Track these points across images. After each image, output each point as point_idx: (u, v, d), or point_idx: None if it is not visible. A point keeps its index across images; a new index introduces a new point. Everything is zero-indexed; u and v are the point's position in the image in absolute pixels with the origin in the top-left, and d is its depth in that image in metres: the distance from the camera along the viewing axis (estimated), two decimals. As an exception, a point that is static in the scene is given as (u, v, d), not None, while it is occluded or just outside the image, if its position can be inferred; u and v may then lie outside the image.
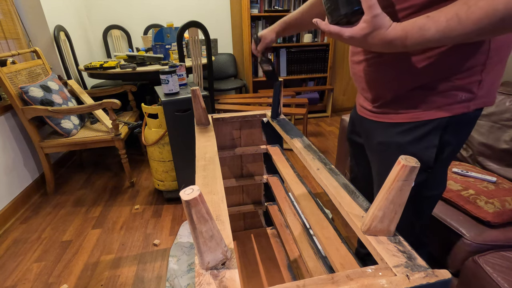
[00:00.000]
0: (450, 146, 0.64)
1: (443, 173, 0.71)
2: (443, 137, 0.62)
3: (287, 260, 1.24)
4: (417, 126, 0.63)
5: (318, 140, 2.68)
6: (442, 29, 0.45)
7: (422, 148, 0.64)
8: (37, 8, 2.12)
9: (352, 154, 0.96)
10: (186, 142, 1.56)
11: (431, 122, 0.62)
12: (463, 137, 0.66)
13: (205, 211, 0.37)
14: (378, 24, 0.49)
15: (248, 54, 2.98)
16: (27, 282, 1.26)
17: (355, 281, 0.39)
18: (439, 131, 0.62)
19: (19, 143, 1.82)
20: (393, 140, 0.68)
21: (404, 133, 0.65)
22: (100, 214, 1.70)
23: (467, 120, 0.62)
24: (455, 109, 0.60)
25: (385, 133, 0.69)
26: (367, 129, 0.76)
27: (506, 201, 0.98)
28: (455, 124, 0.61)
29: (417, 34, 0.47)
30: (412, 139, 0.64)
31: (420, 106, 0.62)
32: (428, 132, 0.63)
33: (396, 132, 0.67)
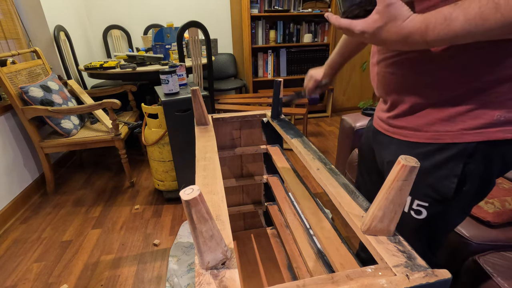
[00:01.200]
0: (476, 178, 0.52)
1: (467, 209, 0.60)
2: (468, 166, 0.51)
3: (287, 260, 1.24)
4: (438, 149, 0.53)
5: (318, 140, 2.68)
6: (473, 18, 0.36)
7: (441, 177, 0.54)
8: (37, 8, 2.12)
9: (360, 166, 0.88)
10: (186, 142, 1.56)
11: (455, 145, 0.51)
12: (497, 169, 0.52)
13: (205, 211, 0.37)
14: (393, 14, 0.41)
15: (248, 54, 2.98)
16: (27, 282, 1.26)
17: (355, 281, 0.39)
18: (463, 158, 0.51)
19: (19, 143, 1.82)
20: None
21: (421, 156, 0.54)
22: (100, 214, 1.70)
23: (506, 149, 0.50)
24: (488, 134, 0.48)
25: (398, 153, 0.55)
26: (379, 144, 0.67)
27: (506, 201, 0.98)
28: (487, 151, 0.50)
29: (441, 25, 0.39)
30: (429, 165, 0.54)
31: (442, 124, 0.51)
32: (449, 158, 0.52)
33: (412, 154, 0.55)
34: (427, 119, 0.53)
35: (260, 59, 3.11)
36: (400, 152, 0.58)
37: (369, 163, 0.77)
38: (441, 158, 0.53)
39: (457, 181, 0.52)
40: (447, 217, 0.59)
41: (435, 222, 0.59)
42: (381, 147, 0.67)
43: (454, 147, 0.51)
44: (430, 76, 0.51)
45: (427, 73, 0.51)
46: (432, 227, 0.60)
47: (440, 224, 0.60)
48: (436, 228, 0.61)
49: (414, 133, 0.56)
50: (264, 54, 3.08)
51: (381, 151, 0.67)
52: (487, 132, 0.48)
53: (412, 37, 0.42)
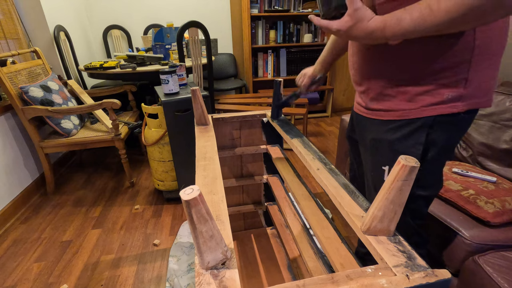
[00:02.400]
0: (438, 145, 0.64)
1: (436, 173, 0.71)
2: (430, 136, 0.63)
3: (287, 260, 1.24)
4: (405, 124, 0.65)
5: (318, 140, 2.68)
6: (415, 19, 0.49)
7: (409, 146, 0.65)
8: (37, 8, 2.12)
9: (351, 152, 0.98)
10: (186, 142, 1.56)
11: (418, 120, 0.63)
12: (454, 137, 0.65)
13: (205, 211, 0.37)
14: (359, 16, 0.53)
15: (248, 54, 2.98)
16: (27, 282, 1.26)
17: (355, 281, 0.39)
18: (425, 129, 0.63)
19: (19, 143, 1.82)
20: (383, 137, 0.70)
21: (393, 130, 0.67)
22: (100, 214, 1.70)
23: (457, 121, 0.62)
24: (441, 109, 0.60)
25: (376, 131, 0.71)
26: (361, 126, 0.79)
27: (506, 201, 0.98)
28: (443, 123, 0.62)
29: (394, 24, 0.51)
30: (400, 136, 0.66)
31: (407, 104, 0.64)
32: (414, 130, 0.64)
33: (386, 129, 0.68)
34: (395, 101, 0.66)
35: (260, 59, 3.11)
36: (379, 129, 0.71)
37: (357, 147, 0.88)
38: (408, 130, 0.65)
39: (422, 148, 0.64)
40: (421, 185, 0.68)
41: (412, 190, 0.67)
42: (363, 129, 0.78)
43: (418, 120, 0.63)
44: (392, 64, 0.63)
45: (390, 62, 0.64)
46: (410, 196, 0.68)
47: (417, 193, 0.69)
48: (415, 198, 0.69)
49: (387, 113, 0.68)
50: (264, 54, 3.08)
51: (363, 132, 0.79)
52: (440, 107, 0.60)
53: (374, 33, 0.54)
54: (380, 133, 0.70)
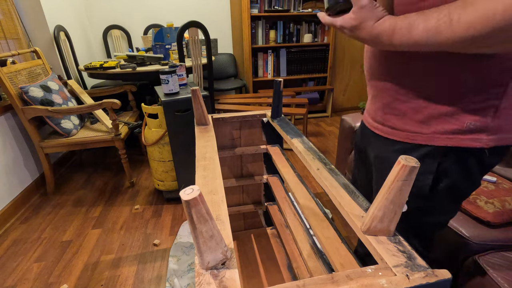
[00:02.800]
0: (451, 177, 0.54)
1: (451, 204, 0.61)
2: (442, 164, 0.54)
3: (287, 260, 1.24)
4: (414, 148, 0.56)
5: (318, 140, 2.68)
6: (430, 28, 0.39)
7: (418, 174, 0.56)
8: (37, 8, 2.12)
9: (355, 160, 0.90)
10: (186, 142, 1.56)
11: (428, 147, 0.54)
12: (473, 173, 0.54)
13: (205, 211, 0.37)
14: (365, 16, 0.45)
15: (248, 54, 2.98)
16: (27, 282, 1.26)
17: (355, 281, 0.39)
18: (438, 157, 0.54)
19: (19, 143, 1.82)
20: (388, 157, 0.61)
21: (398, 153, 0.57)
22: (100, 214, 1.70)
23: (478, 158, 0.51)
24: (459, 140, 0.50)
25: (382, 148, 0.64)
26: (366, 138, 0.73)
27: (506, 201, 0.98)
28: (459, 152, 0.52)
29: (404, 30, 0.42)
30: None
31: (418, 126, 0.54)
32: (425, 155, 0.55)
33: (392, 150, 0.60)
34: (404, 119, 0.56)
35: (260, 59, 3.11)
36: (382, 148, 0.63)
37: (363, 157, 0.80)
38: (417, 155, 0.55)
39: (432, 178, 0.55)
40: (429, 213, 0.61)
41: (418, 217, 0.62)
42: (368, 142, 0.71)
43: (426, 148, 0.54)
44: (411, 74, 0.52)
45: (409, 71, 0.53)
46: (415, 221, 0.62)
47: (423, 220, 0.62)
48: (420, 224, 0.63)
49: (392, 131, 0.59)
50: (264, 54, 3.08)
51: (368, 146, 0.71)
52: (456, 138, 0.50)
53: (380, 38, 0.45)
54: (385, 152, 0.62)
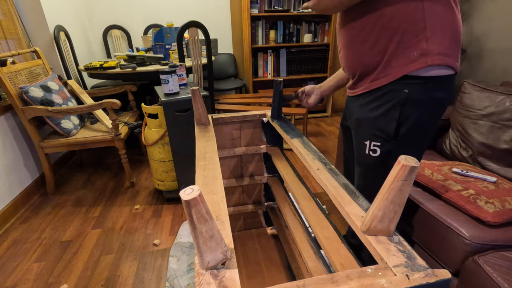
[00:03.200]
0: (411, 120, 0.74)
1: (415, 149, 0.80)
2: (403, 111, 0.73)
3: (287, 260, 1.24)
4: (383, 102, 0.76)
5: (318, 140, 2.68)
6: None
7: (385, 121, 0.76)
8: (37, 8, 2.12)
9: (343, 138, 1.09)
10: (186, 142, 1.56)
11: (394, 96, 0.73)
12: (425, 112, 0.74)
13: (205, 211, 0.37)
14: None
15: (248, 54, 2.98)
16: (27, 282, 1.26)
17: (355, 281, 0.39)
18: (398, 106, 0.73)
19: (19, 143, 1.82)
20: (365, 115, 0.81)
21: (373, 109, 0.79)
22: (100, 214, 1.70)
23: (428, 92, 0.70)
24: (411, 67, 0.69)
25: (360, 110, 0.83)
26: (349, 108, 0.92)
27: (506, 201, 0.98)
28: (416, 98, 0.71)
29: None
30: (378, 114, 0.78)
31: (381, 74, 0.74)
32: (391, 107, 0.75)
33: (369, 108, 0.80)
34: (374, 74, 0.77)
35: (260, 59, 3.11)
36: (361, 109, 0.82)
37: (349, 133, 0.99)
38: (387, 107, 0.76)
39: (396, 123, 0.75)
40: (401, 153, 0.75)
41: (389, 160, 0.80)
42: (351, 111, 0.90)
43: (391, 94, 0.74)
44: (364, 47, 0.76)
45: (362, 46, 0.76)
46: (387, 165, 0.80)
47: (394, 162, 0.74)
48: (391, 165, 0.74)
49: (366, 85, 0.79)
50: (264, 54, 3.08)
51: (351, 115, 0.90)
52: (410, 66, 0.69)
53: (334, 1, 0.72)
54: (362, 113, 0.82)
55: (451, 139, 1.44)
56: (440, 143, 1.50)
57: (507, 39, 1.75)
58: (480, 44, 1.92)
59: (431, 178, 1.15)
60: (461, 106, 1.42)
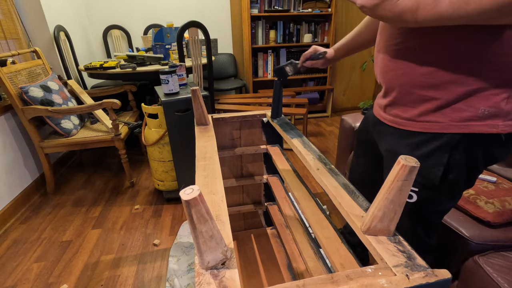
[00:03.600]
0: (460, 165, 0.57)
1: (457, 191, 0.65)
2: (454, 156, 0.56)
3: (287, 260, 1.24)
4: (427, 141, 0.58)
5: (318, 140, 2.68)
6: (456, 1, 0.40)
7: (428, 166, 0.59)
8: (37, 8, 2.12)
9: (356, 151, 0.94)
10: (186, 142, 1.56)
11: (442, 136, 0.55)
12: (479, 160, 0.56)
13: (205, 211, 0.37)
14: None
15: (248, 54, 2.98)
16: (27, 282, 1.26)
17: (355, 281, 0.39)
18: (448, 149, 0.56)
19: (19, 143, 1.82)
20: (399, 151, 0.63)
21: (412, 146, 0.60)
22: (100, 214, 1.70)
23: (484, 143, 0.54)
24: (473, 126, 0.52)
25: (393, 142, 0.65)
26: (378, 132, 0.74)
27: (506, 201, 0.98)
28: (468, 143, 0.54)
29: (429, 5, 0.42)
30: (419, 154, 0.60)
31: (433, 115, 0.56)
32: (437, 149, 0.57)
33: (404, 143, 0.62)
34: (418, 110, 0.58)
35: (260, 59, 3.11)
36: (395, 141, 0.64)
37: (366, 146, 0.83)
38: (430, 148, 0.58)
39: (443, 170, 0.58)
40: (437, 202, 0.65)
41: (426, 206, 0.66)
42: (380, 135, 0.73)
43: (441, 137, 0.56)
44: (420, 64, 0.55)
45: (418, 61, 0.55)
46: (423, 210, 0.67)
47: (430, 208, 0.66)
48: (427, 212, 0.67)
49: (407, 122, 0.61)
50: (264, 54, 3.08)
51: (380, 139, 0.73)
52: (472, 125, 0.52)
53: (404, 15, 0.46)
54: (397, 146, 0.63)
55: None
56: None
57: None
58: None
59: (431, 178, 1.15)
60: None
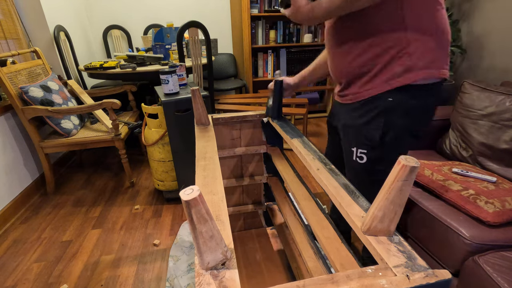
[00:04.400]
0: (396, 128, 0.76)
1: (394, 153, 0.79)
2: (388, 119, 0.76)
3: (287, 260, 1.24)
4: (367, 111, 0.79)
5: (318, 140, 2.68)
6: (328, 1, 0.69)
7: (370, 129, 0.79)
8: (37, 8, 2.12)
9: (328, 134, 1.14)
10: (186, 142, 1.56)
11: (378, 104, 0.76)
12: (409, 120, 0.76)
13: (205, 211, 0.37)
14: (297, 4, 0.73)
15: (248, 54, 2.98)
16: (27, 282, 1.26)
17: (355, 281, 0.39)
18: (383, 113, 0.76)
19: (19, 143, 1.82)
20: (351, 122, 0.84)
21: (360, 117, 0.81)
22: (100, 214, 1.70)
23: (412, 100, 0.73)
24: (395, 83, 0.72)
25: (347, 117, 0.86)
26: (336, 113, 0.95)
27: (506, 201, 0.98)
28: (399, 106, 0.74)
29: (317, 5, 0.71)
30: (364, 122, 0.80)
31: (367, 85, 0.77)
32: (376, 115, 0.77)
33: (355, 116, 0.82)
34: (357, 85, 0.80)
35: (260, 59, 3.11)
36: (348, 115, 0.85)
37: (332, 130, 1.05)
38: (371, 115, 0.78)
39: (381, 131, 0.77)
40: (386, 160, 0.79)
41: (376, 164, 0.83)
42: (339, 116, 0.93)
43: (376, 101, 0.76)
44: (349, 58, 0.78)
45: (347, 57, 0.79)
46: (375, 168, 0.83)
47: (382, 165, 0.82)
48: (380, 168, 0.82)
49: (353, 96, 0.82)
50: (264, 54, 3.08)
51: (339, 118, 0.92)
52: (394, 82, 0.72)
53: (309, 15, 0.73)
54: (350, 119, 0.85)
55: (451, 139, 1.44)
56: (440, 143, 1.50)
57: (507, 39, 1.75)
58: (480, 44, 1.92)
59: (431, 178, 1.15)
60: (461, 106, 1.42)
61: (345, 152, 0.90)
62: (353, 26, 0.75)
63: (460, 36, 2.05)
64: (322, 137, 2.75)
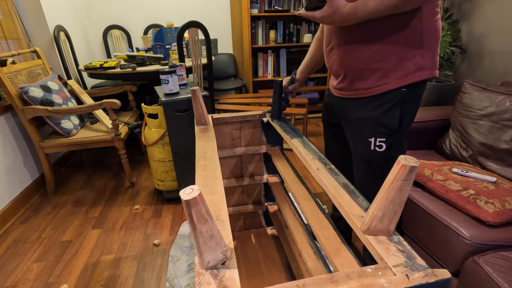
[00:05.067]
0: (408, 115, 0.84)
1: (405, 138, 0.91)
2: (403, 108, 0.83)
3: (287, 260, 1.24)
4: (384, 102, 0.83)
5: (318, 140, 2.68)
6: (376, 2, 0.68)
7: (389, 118, 0.84)
8: (37, 8, 2.12)
9: (327, 134, 1.16)
10: (186, 142, 1.56)
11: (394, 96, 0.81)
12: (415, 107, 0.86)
13: (205, 211, 0.37)
14: (335, 5, 0.70)
15: (248, 54, 2.98)
16: (27, 282, 1.26)
17: (354, 280, 0.39)
18: (399, 104, 0.82)
19: (19, 143, 1.82)
20: (367, 115, 0.87)
21: (375, 108, 0.85)
22: (100, 214, 1.70)
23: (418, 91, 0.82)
24: (408, 79, 0.79)
25: (360, 110, 0.88)
26: (345, 108, 0.95)
27: (506, 201, 0.98)
28: (410, 97, 0.81)
29: (363, 7, 0.69)
30: (381, 113, 0.84)
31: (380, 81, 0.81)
32: (392, 106, 0.83)
33: (369, 108, 0.86)
34: (371, 81, 0.83)
35: (260, 59, 3.11)
36: (362, 108, 0.87)
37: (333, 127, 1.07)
38: (388, 106, 0.83)
39: (398, 119, 0.83)
40: (400, 145, 0.88)
41: (393, 151, 0.88)
42: (347, 110, 0.93)
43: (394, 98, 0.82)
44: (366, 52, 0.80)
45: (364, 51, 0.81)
46: (392, 155, 0.89)
47: (397, 152, 0.89)
48: (395, 155, 0.87)
49: (367, 90, 0.85)
50: (264, 54, 3.08)
51: (348, 113, 0.93)
52: (407, 79, 0.79)
53: (348, 16, 0.71)
54: (364, 112, 0.87)
55: (451, 139, 1.44)
56: (440, 143, 1.50)
57: (507, 40, 1.75)
58: (480, 44, 1.92)
59: (431, 178, 1.15)
60: (461, 106, 1.42)
61: (358, 145, 0.93)
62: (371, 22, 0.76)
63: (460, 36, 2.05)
64: (322, 137, 2.75)
